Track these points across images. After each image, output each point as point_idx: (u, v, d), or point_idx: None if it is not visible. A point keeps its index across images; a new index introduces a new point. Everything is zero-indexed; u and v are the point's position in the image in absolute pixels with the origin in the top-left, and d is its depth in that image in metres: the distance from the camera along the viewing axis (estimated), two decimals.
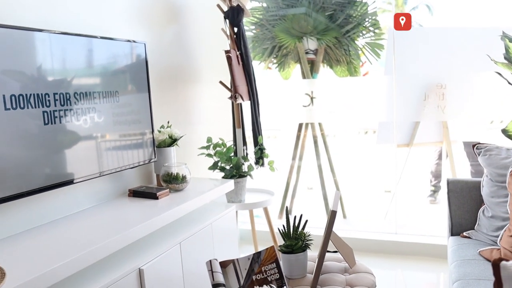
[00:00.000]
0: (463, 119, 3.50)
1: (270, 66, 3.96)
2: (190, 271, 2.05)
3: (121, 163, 2.11)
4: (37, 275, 1.33)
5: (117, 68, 2.08)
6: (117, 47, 2.07)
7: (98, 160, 1.98)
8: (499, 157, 2.22)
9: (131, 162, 2.17)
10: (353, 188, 4.96)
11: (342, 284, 1.69)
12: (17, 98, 1.58)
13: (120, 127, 2.10)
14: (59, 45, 1.77)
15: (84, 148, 1.91)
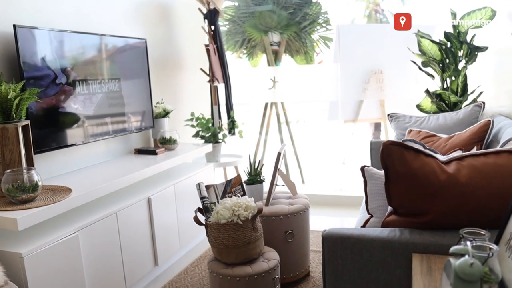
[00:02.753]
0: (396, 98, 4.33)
1: (241, 56, 4.73)
2: (180, 201, 2.83)
3: (128, 128, 2.88)
4: (88, 191, 2.10)
5: (128, 58, 2.83)
6: (128, 42, 2.83)
7: (113, 125, 2.74)
8: (403, 122, 3.07)
9: (136, 127, 2.94)
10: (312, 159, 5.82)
11: (286, 203, 2.51)
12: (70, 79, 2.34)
13: (129, 101, 2.86)
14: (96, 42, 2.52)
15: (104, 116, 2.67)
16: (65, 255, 1.94)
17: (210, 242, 2.16)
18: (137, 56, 2.93)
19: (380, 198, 1.85)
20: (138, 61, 2.94)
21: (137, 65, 2.93)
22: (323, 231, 1.46)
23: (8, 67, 2.17)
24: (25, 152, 2.03)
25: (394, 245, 1.38)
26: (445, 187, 1.35)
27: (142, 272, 2.47)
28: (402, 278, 1.38)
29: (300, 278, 2.54)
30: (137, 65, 2.93)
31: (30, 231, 1.94)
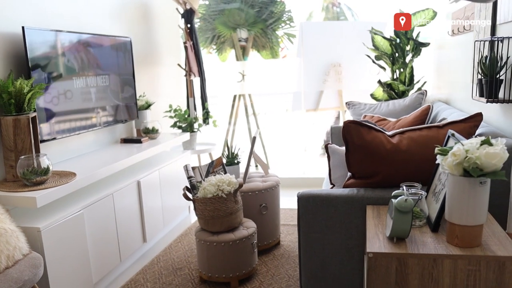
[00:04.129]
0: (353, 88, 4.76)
1: (211, 51, 5.05)
2: (165, 181, 3.14)
3: (115, 120, 3.16)
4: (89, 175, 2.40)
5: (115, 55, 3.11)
6: (117, 41, 3.11)
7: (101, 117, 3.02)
8: (359, 109, 3.51)
9: (122, 118, 3.22)
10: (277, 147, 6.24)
11: (260, 181, 2.89)
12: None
13: (116, 95, 3.14)
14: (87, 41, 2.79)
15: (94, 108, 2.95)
16: (73, 229, 2.23)
17: (197, 214, 2.50)
18: (123, 53, 3.21)
19: (340, 169, 2.26)
20: (124, 57, 3.22)
21: (123, 61, 3.21)
22: (298, 193, 1.84)
23: (16, 65, 2.42)
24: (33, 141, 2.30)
25: (353, 200, 1.78)
26: (390, 154, 1.75)
27: (133, 247, 2.78)
28: (359, 225, 1.78)
29: (272, 246, 2.94)
30: (123, 62, 3.21)
31: (43, 210, 2.22)
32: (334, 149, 2.30)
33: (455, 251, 1.37)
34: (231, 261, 2.42)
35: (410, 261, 1.38)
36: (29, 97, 2.26)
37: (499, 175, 1.21)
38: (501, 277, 1.36)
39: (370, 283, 1.42)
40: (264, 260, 2.78)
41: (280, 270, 2.64)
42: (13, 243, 1.84)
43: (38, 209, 2.21)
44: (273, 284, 2.48)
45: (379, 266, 1.39)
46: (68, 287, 2.18)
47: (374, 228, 1.56)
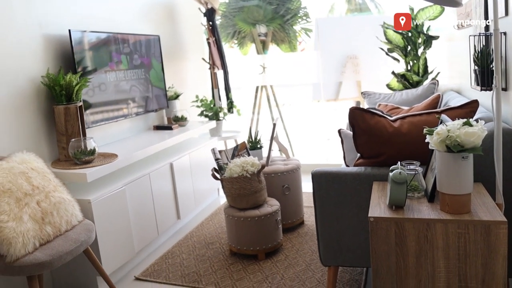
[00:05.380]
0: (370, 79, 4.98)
1: (233, 46, 5.33)
2: (195, 165, 3.46)
3: (148, 109, 3.48)
4: (129, 156, 2.72)
5: (147, 51, 3.42)
6: (147, 38, 3.42)
7: (137, 107, 3.34)
8: (374, 98, 3.74)
9: (154, 108, 3.54)
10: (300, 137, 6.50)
11: (282, 164, 3.17)
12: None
13: (149, 87, 3.46)
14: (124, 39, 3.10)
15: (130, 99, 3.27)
16: (117, 203, 2.56)
17: (225, 193, 2.80)
18: (153, 49, 3.52)
19: (353, 152, 2.51)
20: (154, 53, 3.53)
21: (154, 57, 3.53)
22: (312, 171, 2.12)
23: (64, 61, 2.75)
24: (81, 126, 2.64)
25: (361, 177, 2.04)
26: (392, 136, 2.01)
27: (168, 223, 3.11)
28: (368, 199, 2.03)
29: (296, 225, 3.21)
30: (153, 57, 3.52)
31: (90, 185, 2.55)
32: (346, 134, 2.56)
33: (446, 217, 1.62)
34: (257, 235, 2.71)
35: (407, 225, 1.63)
36: (76, 89, 2.59)
37: (476, 150, 1.45)
38: (487, 239, 1.60)
39: (373, 244, 1.68)
40: (289, 237, 3.06)
41: (304, 246, 2.92)
42: (71, 211, 2.17)
43: (87, 185, 2.54)
44: (297, 258, 2.77)
45: (380, 229, 1.66)
46: (114, 252, 2.52)
47: (378, 199, 1.82)
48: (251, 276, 2.58)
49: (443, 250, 1.59)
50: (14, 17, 2.46)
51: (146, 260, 2.86)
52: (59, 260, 1.96)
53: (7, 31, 2.42)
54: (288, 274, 2.58)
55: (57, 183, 2.24)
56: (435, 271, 1.61)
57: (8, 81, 2.42)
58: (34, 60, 2.59)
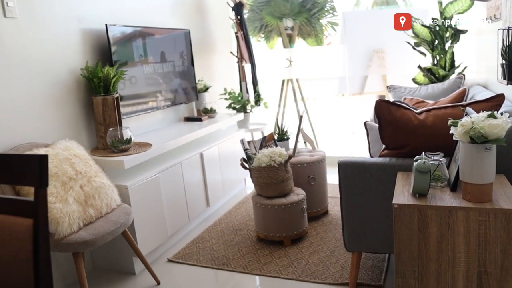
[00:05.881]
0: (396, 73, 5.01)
1: (259, 40, 5.42)
2: (223, 155, 3.59)
3: (179, 101, 3.61)
4: (162, 145, 2.86)
5: (178, 45, 3.56)
6: (178, 32, 3.55)
7: (169, 99, 3.48)
8: (399, 92, 3.79)
9: (184, 100, 3.68)
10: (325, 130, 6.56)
11: (308, 155, 3.26)
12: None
13: (180, 79, 3.59)
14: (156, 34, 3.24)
15: (162, 91, 3.41)
16: (152, 189, 2.71)
17: (253, 181, 2.92)
18: (184, 43, 3.65)
19: (378, 144, 2.59)
20: (185, 47, 3.66)
21: (185, 50, 3.66)
22: (339, 160, 2.21)
23: (101, 55, 2.91)
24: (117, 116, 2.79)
25: (385, 167, 2.12)
26: (417, 128, 2.08)
27: (198, 210, 3.25)
28: (392, 188, 2.11)
29: (321, 214, 3.31)
30: (184, 51, 3.66)
31: (126, 172, 2.70)
32: (371, 126, 2.64)
33: (468, 205, 1.69)
34: (283, 223, 2.82)
35: (429, 212, 1.71)
36: (114, 81, 2.74)
37: (499, 141, 1.52)
38: (507, 226, 1.66)
39: (397, 229, 1.77)
40: (314, 225, 3.16)
41: (328, 234, 3.02)
42: (110, 195, 2.32)
43: (123, 172, 2.69)
44: (321, 244, 2.87)
45: (403, 215, 1.74)
46: (149, 235, 2.67)
47: (402, 187, 1.90)
48: (278, 260, 2.70)
49: (464, 236, 1.67)
50: (56, 12, 2.62)
51: (178, 244, 3.01)
52: (101, 240, 2.11)
53: (50, 26, 2.58)
54: (313, 259, 2.68)
55: (97, 169, 2.40)
56: (456, 256, 1.69)
57: (51, 73, 2.58)
58: (74, 53, 2.74)
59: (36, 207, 1.13)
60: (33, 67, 2.47)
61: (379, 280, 2.39)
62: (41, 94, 2.52)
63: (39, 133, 2.49)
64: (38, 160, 1.12)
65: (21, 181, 1.18)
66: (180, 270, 2.70)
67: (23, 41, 2.42)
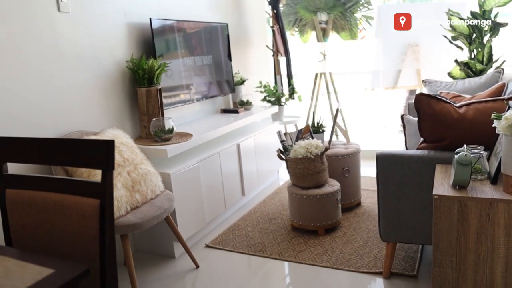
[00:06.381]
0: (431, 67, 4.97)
1: (293, 33, 5.46)
2: (259, 147, 3.67)
3: (216, 92, 3.71)
4: (202, 136, 2.96)
5: (217, 38, 3.65)
6: (216, 26, 3.64)
7: (206, 91, 3.58)
8: (435, 86, 3.77)
9: (221, 92, 3.77)
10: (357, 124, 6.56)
11: (342, 148, 3.31)
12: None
13: (217, 72, 3.69)
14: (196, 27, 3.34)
15: (201, 83, 3.51)
16: (192, 177, 2.81)
17: (289, 172, 2.99)
18: (222, 37, 3.74)
19: (415, 137, 2.61)
20: (223, 40, 3.75)
21: (222, 44, 3.75)
22: (377, 153, 2.25)
23: (145, 48, 3.02)
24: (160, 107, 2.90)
25: (424, 159, 2.15)
26: (457, 122, 2.10)
27: (234, 199, 3.34)
28: (430, 181, 2.15)
29: (354, 205, 3.36)
30: (222, 44, 3.75)
31: (168, 161, 2.82)
32: (408, 119, 2.66)
33: (509, 197, 1.71)
34: (318, 212, 2.88)
35: (470, 203, 1.74)
36: (157, 73, 2.85)
37: None
38: None
39: (436, 220, 1.81)
40: (347, 216, 3.22)
41: (361, 225, 3.07)
42: (155, 181, 2.44)
43: (165, 160, 2.80)
44: (355, 235, 2.92)
45: (443, 206, 1.78)
46: (189, 221, 2.78)
47: (441, 179, 1.93)
48: (312, 249, 2.77)
49: (504, 228, 1.70)
50: (104, 7, 2.74)
51: (215, 230, 3.12)
52: (147, 223, 2.23)
53: (99, 20, 2.70)
54: (347, 249, 2.74)
55: (142, 157, 2.51)
56: (495, 248, 1.72)
57: (99, 65, 2.71)
58: (119, 46, 2.86)
59: (103, 188, 1.23)
60: (84, 59, 2.60)
61: (412, 270, 2.43)
62: (90, 85, 2.65)
63: (88, 122, 2.63)
64: (105, 144, 1.22)
65: (89, 164, 1.28)
66: (218, 255, 2.80)
67: (75, 35, 2.55)
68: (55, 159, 1.35)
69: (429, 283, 2.32)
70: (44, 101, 2.38)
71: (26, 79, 2.28)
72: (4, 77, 2.17)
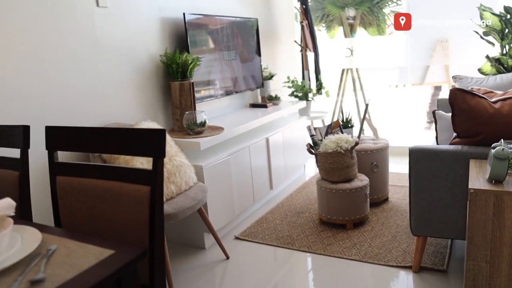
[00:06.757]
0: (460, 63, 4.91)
1: (320, 29, 5.46)
2: (287, 141, 3.71)
3: (245, 87, 3.76)
4: (233, 129, 3.01)
5: (247, 33, 3.69)
6: (247, 21, 3.68)
7: (236, 85, 3.63)
8: (466, 82, 3.74)
9: (250, 87, 3.82)
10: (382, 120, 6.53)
11: (371, 143, 3.32)
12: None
13: (247, 67, 3.73)
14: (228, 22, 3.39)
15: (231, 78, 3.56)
16: (223, 170, 2.87)
17: (318, 166, 3.01)
18: (252, 32, 3.78)
19: (446, 133, 2.61)
20: (253, 35, 3.79)
21: (252, 39, 3.79)
22: (410, 147, 2.26)
23: (179, 42, 3.09)
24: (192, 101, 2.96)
25: (457, 154, 2.15)
26: (492, 117, 2.10)
27: (263, 192, 3.39)
28: (463, 175, 2.15)
29: (381, 201, 3.37)
30: (252, 39, 3.79)
31: (201, 153, 2.88)
32: (440, 115, 2.66)
33: None
34: (347, 207, 2.91)
35: (506, 197, 1.75)
36: (191, 67, 2.91)
37: None
38: None
39: (471, 214, 1.81)
40: (375, 211, 3.23)
41: (389, 220, 3.08)
42: (188, 173, 2.50)
43: (196, 152, 2.86)
44: (383, 229, 2.93)
45: (479, 200, 1.78)
46: (219, 212, 2.84)
47: (476, 174, 1.94)
48: (340, 242, 2.79)
49: None
50: (139, 1, 2.81)
51: (243, 223, 3.17)
52: (182, 214, 2.29)
53: (135, 15, 2.77)
54: (375, 243, 2.76)
55: (177, 149, 2.58)
56: None
57: (135, 59, 2.78)
58: (154, 40, 2.93)
59: (154, 175, 1.29)
60: (120, 53, 2.68)
61: (442, 265, 2.44)
62: (126, 79, 2.72)
63: (123, 114, 2.70)
64: (157, 133, 1.28)
65: (140, 152, 1.34)
66: (247, 247, 2.85)
67: (113, 29, 2.62)
68: (107, 148, 1.41)
69: (459, 278, 2.32)
70: (83, 93, 2.46)
71: (68, 72, 2.37)
72: (49, 69, 2.26)
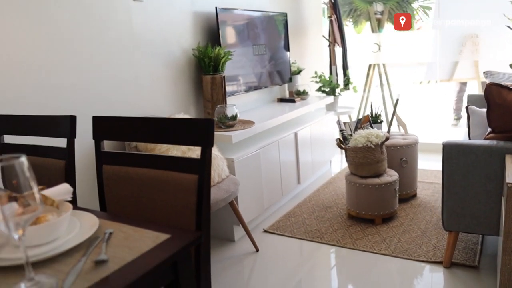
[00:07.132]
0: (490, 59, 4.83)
1: (347, 24, 5.44)
2: (314, 136, 3.73)
3: (273, 82, 3.78)
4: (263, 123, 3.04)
5: (277, 28, 3.72)
6: (277, 16, 3.71)
7: (264, 80, 3.66)
8: (497, 78, 3.69)
9: (278, 82, 3.84)
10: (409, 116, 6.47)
11: (401, 138, 3.31)
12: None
13: (276, 61, 3.76)
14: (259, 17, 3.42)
15: (260, 73, 3.59)
16: (253, 163, 2.91)
17: (348, 161, 3.03)
18: (281, 27, 3.81)
19: (479, 128, 2.59)
20: (282, 30, 3.82)
21: (281, 33, 3.82)
22: (443, 142, 2.26)
23: (210, 36, 3.13)
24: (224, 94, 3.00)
25: (492, 149, 2.14)
26: None
27: (290, 186, 3.42)
28: (498, 171, 2.14)
29: (410, 197, 3.36)
30: (281, 34, 3.81)
31: (231, 147, 2.92)
32: (473, 110, 2.64)
33: None
34: (376, 202, 2.92)
35: None
36: (223, 61, 2.95)
37: None
38: None
39: (508, 209, 1.81)
40: (403, 207, 3.23)
41: (418, 216, 3.07)
42: (221, 166, 2.54)
43: (227, 146, 2.91)
44: (412, 225, 2.93)
45: None
46: (248, 204, 2.89)
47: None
48: (369, 237, 2.80)
49: None
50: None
51: (272, 216, 3.21)
52: (215, 205, 2.34)
53: (169, 9, 2.83)
54: (404, 238, 2.76)
55: None
56: None
57: (168, 52, 2.84)
58: (186, 34, 2.99)
59: (202, 164, 1.33)
60: (155, 47, 2.74)
61: (473, 261, 2.43)
62: (160, 72, 2.78)
63: (157, 107, 2.77)
64: (206, 123, 1.32)
65: (189, 142, 1.38)
66: (276, 240, 2.89)
67: (147, 23, 2.68)
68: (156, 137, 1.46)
69: (490, 274, 2.31)
70: (120, 86, 2.53)
71: (106, 65, 2.44)
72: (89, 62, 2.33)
